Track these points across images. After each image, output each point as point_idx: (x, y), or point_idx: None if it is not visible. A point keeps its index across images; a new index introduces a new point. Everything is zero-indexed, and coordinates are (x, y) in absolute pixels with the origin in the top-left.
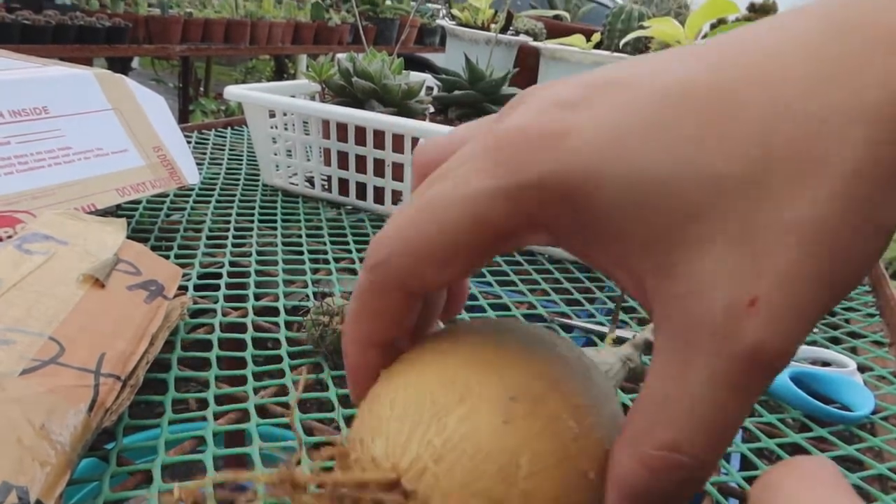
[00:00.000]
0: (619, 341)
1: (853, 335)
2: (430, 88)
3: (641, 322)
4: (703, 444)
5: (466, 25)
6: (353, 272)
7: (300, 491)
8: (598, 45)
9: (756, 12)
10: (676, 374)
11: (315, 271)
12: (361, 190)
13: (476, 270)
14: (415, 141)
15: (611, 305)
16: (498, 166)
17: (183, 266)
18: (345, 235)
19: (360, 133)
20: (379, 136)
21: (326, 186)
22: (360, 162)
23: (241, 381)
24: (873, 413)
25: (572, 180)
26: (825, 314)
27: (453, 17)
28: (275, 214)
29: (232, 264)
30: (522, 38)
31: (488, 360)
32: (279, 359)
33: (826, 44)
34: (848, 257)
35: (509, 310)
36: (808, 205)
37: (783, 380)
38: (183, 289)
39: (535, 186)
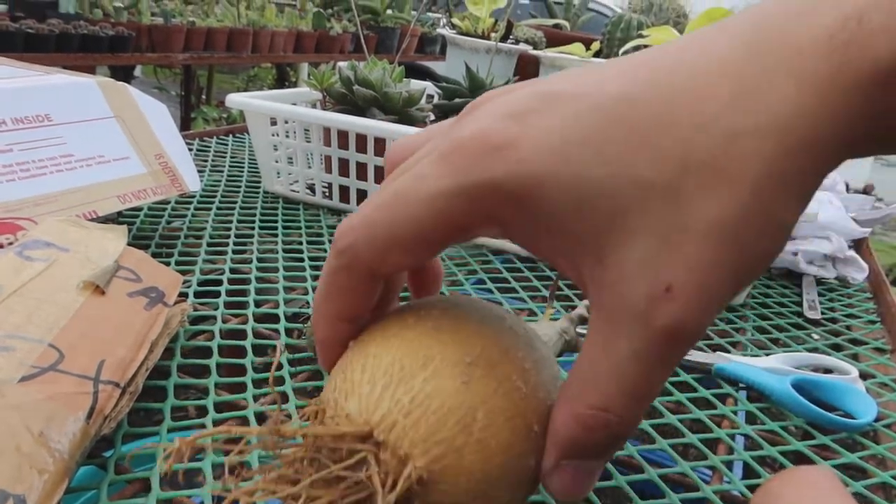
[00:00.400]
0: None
1: (855, 342)
2: (430, 96)
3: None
4: (627, 406)
5: (467, 34)
6: None
7: (285, 442)
8: (597, 54)
9: None
10: (606, 348)
11: (315, 278)
12: (362, 197)
13: (433, 257)
14: None
15: None
16: (455, 168)
17: (183, 273)
18: None
19: (361, 140)
20: (380, 143)
21: (327, 193)
22: (361, 169)
23: (241, 388)
24: (876, 420)
25: (520, 184)
26: (733, 297)
27: (454, 26)
28: (276, 221)
29: (232, 271)
30: (522, 46)
31: (449, 331)
32: (279, 366)
33: (742, 66)
34: (752, 251)
35: None
36: (718, 208)
37: (785, 387)
38: (183, 295)
39: (488, 188)
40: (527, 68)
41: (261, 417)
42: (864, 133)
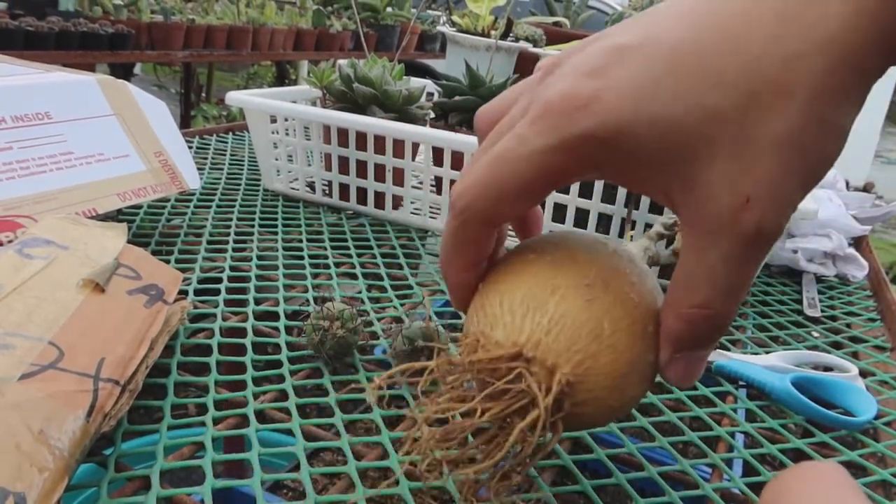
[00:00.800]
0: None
1: (855, 340)
2: (430, 94)
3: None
4: (723, 300)
5: (467, 32)
6: (354, 276)
7: (454, 371)
8: None
9: None
10: (699, 256)
11: (315, 276)
12: (362, 195)
13: (538, 204)
14: (415, 146)
15: None
16: (549, 127)
17: (183, 270)
18: (345, 240)
19: (361, 138)
20: (380, 141)
21: (327, 191)
22: (361, 167)
23: (241, 385)
24: (876, 418)
25: (610, 130)
26: (804, 197)
27: (453, 24)
28: (275, 219)
29: (232, 269)
30: (522, 44)
31: (565, 261)
32: (279, 364)
33: None
34: (815, 156)
35: None
36: (782, 123)
37: (785, 385)
38: (183, 293)
39: (583, 139)
40: (527, 66)
41: (260, 415)
42: None
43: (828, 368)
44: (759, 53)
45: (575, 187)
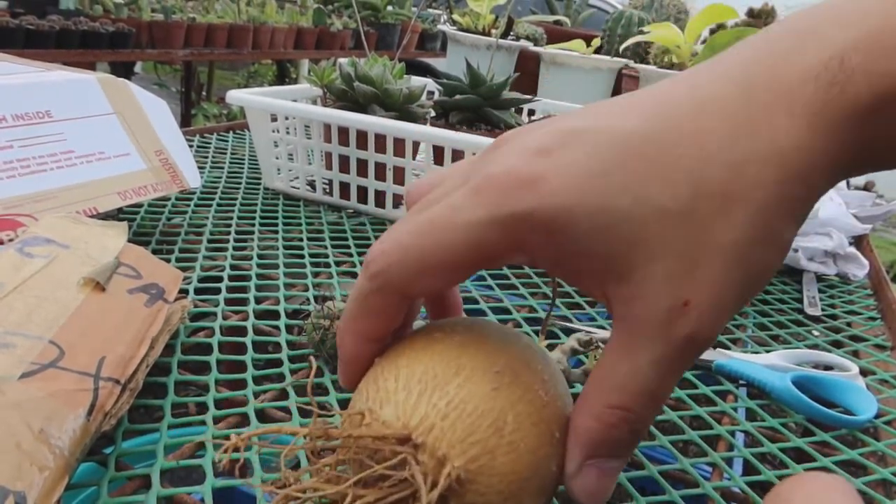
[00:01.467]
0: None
1: (855, 339)
2: (431, 93)
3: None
4: (645, 405)
5: (467, 31)
6: (354, 276)
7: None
8: (598, 50)
9: (755, 17)
10: (627, 354)
11: (316, 275)
12: (363, 194)
13: (461, 282)
14: (416, 145)
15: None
16: (489, 201)
17: (184, 269)
18: (346, 239)
19: (362, 137)
20: (380, 140)
21: (328, 190)
22: (362, 166)
23: (241, 384)
24: (876, 417)
25: (551, 214)
26: (742, 307)
27: (454, 23)
28: (276, 218)
29: (233, 268)
30: (523, 43)
31: (475, 344)
32: (279, 362)
33: (738, 104)
34: (759, 267)
35: (510, 313)
36: (729, 231)
37: (785, 384)
38: (184, 292)
39: (521, 218)
40: (527, 65)
41: (260, 414)
42: (852, 159)
43: (828, 367)
44: (710, 156)
45: None
